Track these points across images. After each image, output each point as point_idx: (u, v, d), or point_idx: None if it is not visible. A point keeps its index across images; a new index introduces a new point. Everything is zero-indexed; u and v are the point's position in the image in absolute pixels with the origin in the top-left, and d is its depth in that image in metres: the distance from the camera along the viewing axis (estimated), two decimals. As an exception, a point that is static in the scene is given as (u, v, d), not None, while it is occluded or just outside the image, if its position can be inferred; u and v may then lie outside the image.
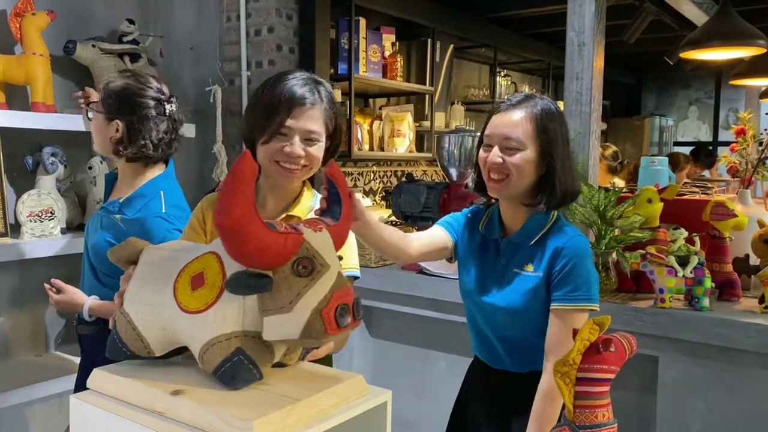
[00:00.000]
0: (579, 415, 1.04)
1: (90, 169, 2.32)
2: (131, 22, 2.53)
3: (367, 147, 3.88)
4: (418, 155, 4.24)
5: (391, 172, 4.23)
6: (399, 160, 4.23)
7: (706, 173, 5.78)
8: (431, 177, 4.51)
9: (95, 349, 1.69)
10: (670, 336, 1.81)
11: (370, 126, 3.95)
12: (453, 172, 2.41)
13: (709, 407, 1.79)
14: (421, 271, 2.30)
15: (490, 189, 1.43)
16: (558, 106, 1.44)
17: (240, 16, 3.00)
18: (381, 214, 3.08)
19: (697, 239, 1.86)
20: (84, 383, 0.98)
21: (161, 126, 1.66)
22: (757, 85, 4.25)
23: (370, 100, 4.32)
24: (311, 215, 1.39)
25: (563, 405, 1.07)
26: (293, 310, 0.84)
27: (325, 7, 3.11)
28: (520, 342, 1.41)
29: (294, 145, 1.33)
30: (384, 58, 3.81)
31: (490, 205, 1.53)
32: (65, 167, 2.28)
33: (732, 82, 3.94)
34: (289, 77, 1.36)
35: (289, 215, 1.43)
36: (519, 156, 1.37)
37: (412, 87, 4.12)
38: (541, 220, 1.42)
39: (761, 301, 1.80)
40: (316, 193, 1.46)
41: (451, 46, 4.74)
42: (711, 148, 6.45)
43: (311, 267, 0.86)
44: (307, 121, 1.33)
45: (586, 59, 2.11)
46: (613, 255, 1.97)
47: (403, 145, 4.02)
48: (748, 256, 2.02)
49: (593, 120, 2.14)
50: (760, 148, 2.36)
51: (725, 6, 2.98)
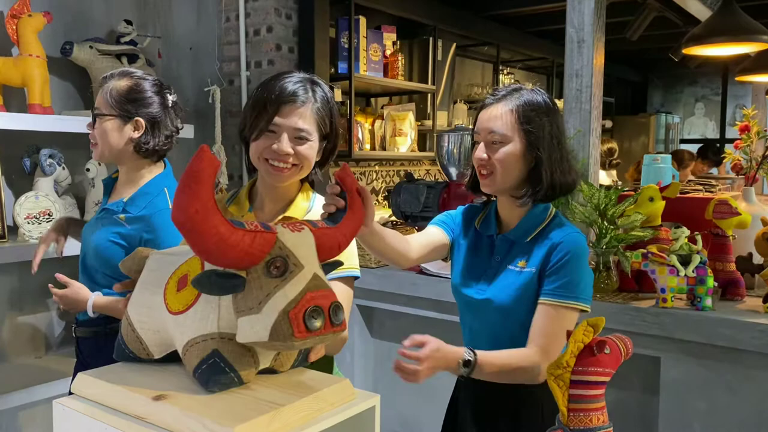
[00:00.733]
0: (573, 418, 1.02)
1: (87, 171, 2.32)
2: (129, 23, 2.53)
3: (368, 146, 3.86)
4: (420, 155, 4.21)
5: (393, 171, 4.21)
6: (402, 160, 4.21)
7: (714, 171, 5.73)
8: (434, 176, 4.49)
9: (92, 353, 1.68)
10: (672, 336, 1.79)
11: (372, 125, 3.93)
12: (452, 171, 2.38)
13: (712, 408, 1.77)
14: (422, 272, 2.28)
15: (481, 185, 1.42)
16: (550, 98, 1.40)
17: (239, 15, 2.99)
18: (383, 213, 3.06)
19: (699, 238, 1.84)
20: None
21: (173, 118, 1.71)
22: (763, 81, 4.21)
23: (372, 100, 4.30)
24: (309, 216, 1.37)
25: (558, 409, 1.04)
26: (262, 311, 0.82)
27: (325, 7, 3.10)
28: (508, 341, 1.39)
29: (282, 142, 1.30)
30: (385, 57, 3.78)
31: (488, 202, 1.51)
32: (63, 169, 2.28)
33: (737, 78, 3.90)
34: (284, 76, 1.34)
35: (285, 216, 1.41)
36: (502, 151, 1.34)
37: (414, 86, 4.09)
38: (538, 216, 1.40)
39: (765, 300, 1.77)
40: (317, 195, 1.44)
41: (454, 44, 4.71)
42: (718, 145, 6.39)
43: (284, 267, 0.83)
44: (296, 119, 1.30)
45: (586, 56, 2.09)
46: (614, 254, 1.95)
47: (404, 144, 4.00)
48: (751, 255, 2.00)
49: (593, 117, 2.12)
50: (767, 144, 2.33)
51: (729, 1, 2.94)
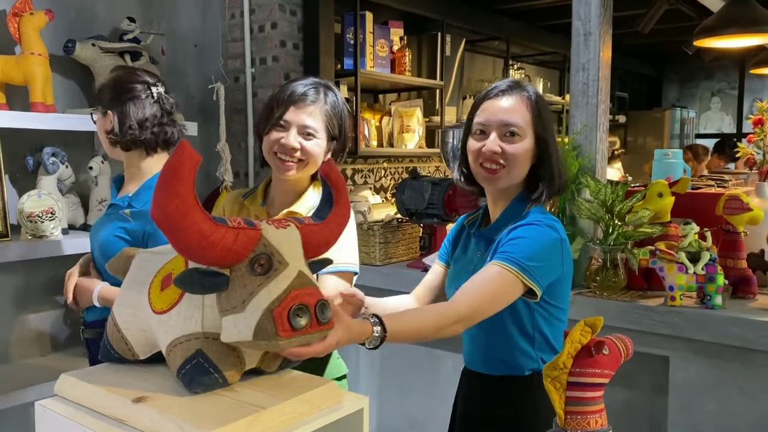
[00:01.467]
0: (570, 421, 0.99)
1: (90, 169, 2.31)
2: (132, 20, 2.52)
3: (375, 143, 3.82)
4: (429, 151, 4.16)
5: (402, 168, 4.17)
6: (410, 156, 4.17)
7: (732, 166, 5.63)
8: (443, 173, 4.44)
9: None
10: (681, 335, 1.75)
11: (379, 122, 3.90)
12: (458, 167, 2.35)
13: (722, 409, 1.72)
14: (426, 269, 2.24)
15: (483, 180, 1.35)
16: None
17: (243, 12, 2.97)
18: (390, 211, 3.03)
19: (708, 234, 1.79)
20: None
21: (147, 108, 1.68)
22: (779, 73, 4.13)
23: (380, 96, 4.27)
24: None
25: (555, 411, 1.01)
26: (245, 310, 0.80)
27: (330, 2, 3.07)
28: (485, 341, 1.35)
29: (290, 137, 1.41)
30: (392, 53, 3.74)
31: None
32: (66, 167, 2.27)
33: (752, 71, 3.83)
34: (299, 79, 1.47)
35: (290, 211, 1.43)
36: (519, 145, 1.30)
37: (422, 82, 4.05)
38: (516, 208, 1.34)
39: (777, 298, 1.73)
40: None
41: (464, 39, 4.66)
42: (735, 140, 6.27)
43: (269, 265, 0.81)
44: (304, 116, 1.42)
45: (593, 49, 2.04)
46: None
47: (412, 140, 3.96)
48: (763, 252, 1.95)
49: (600, 112, 2.07)
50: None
51: (742, -8, 2.88)
